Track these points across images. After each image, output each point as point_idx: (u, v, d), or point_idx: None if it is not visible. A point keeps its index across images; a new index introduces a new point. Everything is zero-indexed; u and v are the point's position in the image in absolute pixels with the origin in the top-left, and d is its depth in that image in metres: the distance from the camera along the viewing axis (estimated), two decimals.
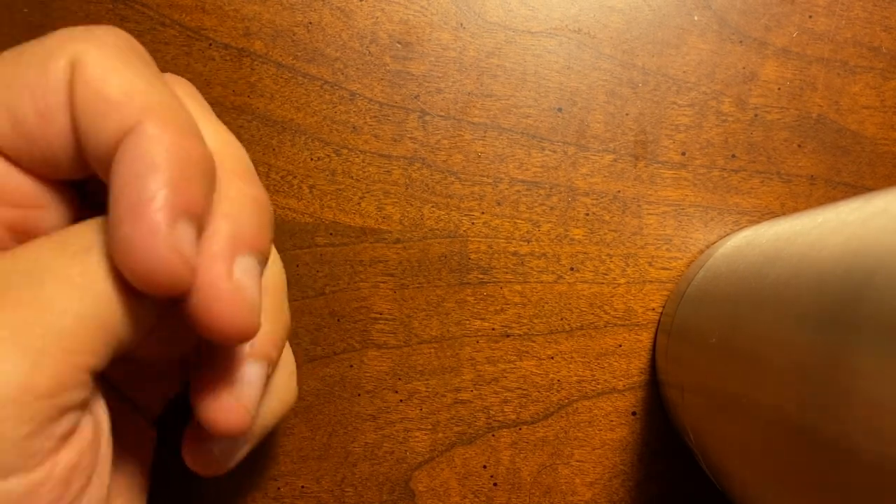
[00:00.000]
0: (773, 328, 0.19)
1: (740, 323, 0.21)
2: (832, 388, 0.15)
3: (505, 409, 0.29)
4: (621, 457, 0.29)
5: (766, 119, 0.29)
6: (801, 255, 0.19)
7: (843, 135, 0.30)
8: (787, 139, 0.30)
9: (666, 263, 0.29)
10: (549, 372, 0.29)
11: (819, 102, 0.30)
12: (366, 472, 0.28)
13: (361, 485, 0.28)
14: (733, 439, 0.22)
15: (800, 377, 0.17)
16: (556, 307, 0.29)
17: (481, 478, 0.29)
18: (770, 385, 0.18)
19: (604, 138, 0.29)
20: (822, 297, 0.17)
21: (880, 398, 0.13)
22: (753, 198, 0.30)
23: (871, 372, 0.14)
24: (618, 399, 0.29)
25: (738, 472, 0.22)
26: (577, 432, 0.29)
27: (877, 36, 0.30)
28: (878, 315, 0.14)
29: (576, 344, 0.29)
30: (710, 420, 0.24)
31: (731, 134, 0.29)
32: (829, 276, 0.17)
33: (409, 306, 0.28)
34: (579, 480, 0.29)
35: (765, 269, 0.21)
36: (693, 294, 0.26)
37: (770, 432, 0.18)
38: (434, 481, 0.29)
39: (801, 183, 0.30)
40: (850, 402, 0.14)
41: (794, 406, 0.17)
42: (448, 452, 0.29)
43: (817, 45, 0.30)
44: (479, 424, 0.29)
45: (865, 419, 0.14)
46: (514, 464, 0.29)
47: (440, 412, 0.29)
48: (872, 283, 0.15)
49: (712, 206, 0.29)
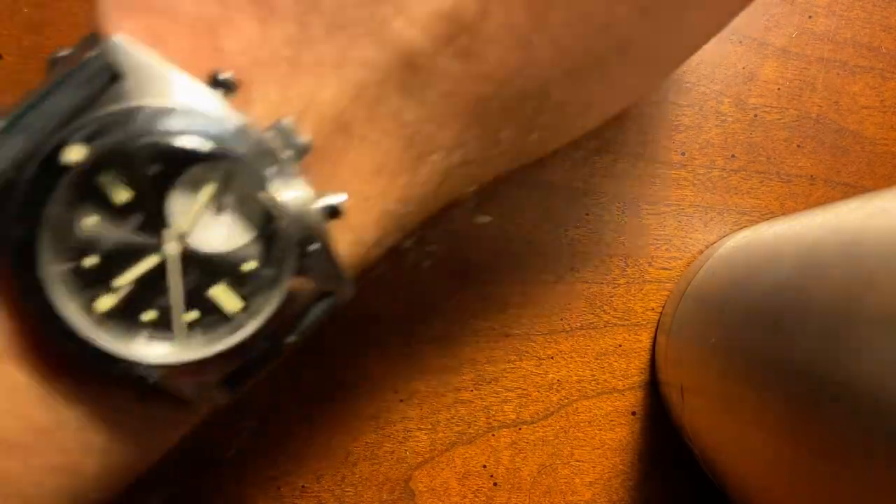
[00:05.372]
0: (773, 329, 0.19)
1: (740, 323, 0.21)
2: (832, 389, 0.15)
3: (505, 409, 0.29)
4: (621, 456, 0.29)
5: (765, 119, 0.29)
6: (800, 256, 0.19)
7: (843, 135, 0.30)
8: (787, 139, 0.30)
9: (665, 263, 0.29)
10: (549, 372, 0.29)
11: (819, 103, 0.30)
12: (366, 472, 0.28)
13: (361, 484, 0.28)
14: (733, 439, 0.22)
15: (800, 378, 0.17)
16: (556, 307, 0.29)
17: (481, 477, 0.29)
18: (769, 385, 0.18)
19: (604, 138, 0.29)
20: (822, 297, 0.17)
21: (881, 399, 0.13)
22: (753, 198, 0.30)
23: (872, 373, 0.14)
24: (617, 399, 0.29)
25: (738, 471, 0.22)
26: (576, 432, 0.29)
27: (876, 36, 0.30)
28: (878, 315, 0.14)
29: (576, 344, 0.29)
30: (710, 420, 0.24)
31: (730, 134, 0.29)
32: (828, 276, 0.17)
33: (409, 306, 0.28)
34: (579, 480, 0.29)
35: (764, 270, 0.21)
36: (693, 294, 0.26)
37: (770, 432, 0.18)
38: (434, 481, 0.29)
39: (800, 183, 0.30)
40: (851, 403, 0.14)
41: (794, 406, 0.17)
42: (448, 452, 0.29)
43: (817, 45, 0.30)
44: (479, 424, 0.29)
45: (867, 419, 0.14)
46: (514, 463, 0.29)
47: (440, 412, 0.29)
48: (873, 284, 0.15)
49: (712, 207, 0.29)
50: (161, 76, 0.14)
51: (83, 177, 0.14)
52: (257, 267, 0.15)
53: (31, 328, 0.15)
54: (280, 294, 0.15)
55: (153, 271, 0.14)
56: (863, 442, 0.14)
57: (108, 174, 0.14)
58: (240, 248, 0.15)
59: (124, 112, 0.14)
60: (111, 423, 0.16)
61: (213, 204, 0.15)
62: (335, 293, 0.16)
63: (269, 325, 0.15)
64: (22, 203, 0.14)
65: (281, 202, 0.14)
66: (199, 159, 0.14)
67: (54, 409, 0.15)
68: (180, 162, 0.14)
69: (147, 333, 0.15)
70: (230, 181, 0.15)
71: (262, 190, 0.14)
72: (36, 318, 0.14)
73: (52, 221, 0.14)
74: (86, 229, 0.14)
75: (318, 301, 0.16)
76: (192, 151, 0.14)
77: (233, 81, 0.14)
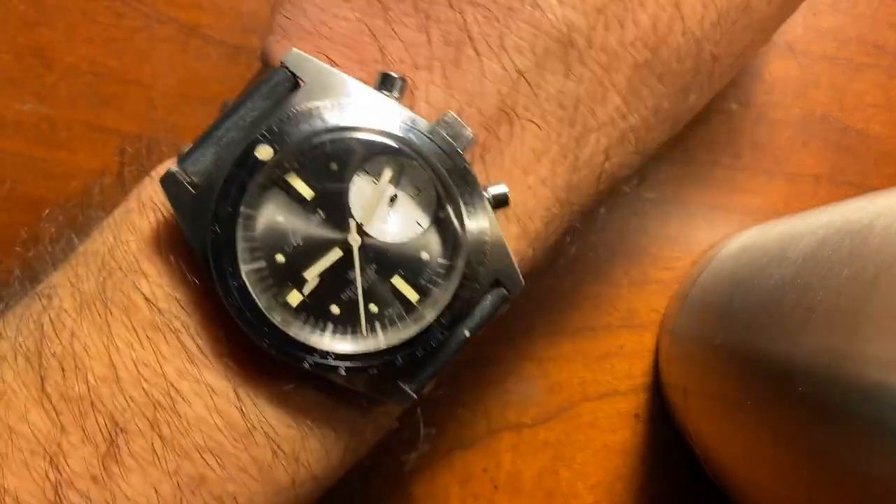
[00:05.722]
0: (778, 329, 0.19)
1: (744, 324, 0.21)
2: (838, 389, 0.15)
3: (506, 412, 0.29)
4: (623, 459, 0.29)
5: (770, 117, 0.29)
6: (805, 256, 0.19)
7: (848, 133, 0.30)
8: (792, 137, 0.29)
9: (669, 263, 0.29)
10: (551, 374, 0.29)
11: (823, 101, 0.30)
12: (365, 474, 0.28)
13: (361, 486, 0.28)
14: (736, 442, 0.22)
15: (805, 379, 0.16)
16: (557, 308, 0.29)
17: (482, 481, 0.29)
18: (774, 387, 0.18)
19: None
20: (827, 297, 0.17)
21: (886, 399, 0.13)
22: (758, 197, 0.29)
23: (878, 373, 0.14)
24: (620, 401, 0.29)
25: (742, 474, 0.22)
26: (578, 434, 0.29)
27: (882, 33, 0.30)
28: (884, 315, 0.14)
29: (577, 345, 0.29)
30: (713, 422, 0.24)
31: (735, 132, 0.29)
32: (834, 276, 0.17)
33: None
34: (581, 483, 0.29)
35: (769, 270, 0.21)
36: (696, 295, 0.26)
37: (774, 434, 0.18)
38: (434, 484, 0.28)
39: (805, 182, 0.29)
40: (856, 403, 0.14)
41: (799, 408, 0.17)
42: (448, 455, 0.29)
43: (822, 42, 0.29)
44: (480, 426, 0.29)
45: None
46: (514, 466, 0.29)
47: (440, 414, 0.28)
48: (878, 284, 0.15)
49: (716, 206, 0.29)
50: (335, 82, 0.16)
51: (272, 175, 0.15)
52: (431, 257, 0.16)
53: (228, 331, 0.16)
54: (454, 283, 0.16)
55: (337, 265, 0.16)
56: (868, 444, 0.14)
57: (293, 172, 0.15)
58: (415, 238, 0.16)
59: (305, 113, 0.15)
60: (302, 426, 0.17)
61: (389, 196, 0.16)
62: (506, 285, 0.17)
63: (445, 315, 0.16)
64: (217, 203, 0.15)
65: (454, 193, 0.16)
66: (374, 154, 0.15)
67: (249, 410, 0.16)
68: (358, 158, 0.15)
69: (332, 327, 0.16)
70: (404, 174, 0.16)
71: (435, 181, 0.16)
72: (237, 315, 0.15)
73: (246, 220, 0.15)
74: (276, 226, 0.16)
75: (490, 293, 0.17)
76: (368, 146, 0.15)
77: (399, 81, 0.16)
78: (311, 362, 0.16)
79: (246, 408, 0.16)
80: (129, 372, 0.16)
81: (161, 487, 0.16)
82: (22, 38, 0.27)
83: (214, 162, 0.16)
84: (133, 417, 0.16)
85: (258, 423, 0.16)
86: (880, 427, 0.13)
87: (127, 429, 0.16)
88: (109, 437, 0.16)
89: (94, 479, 0.16)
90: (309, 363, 0.16)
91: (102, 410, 0.16)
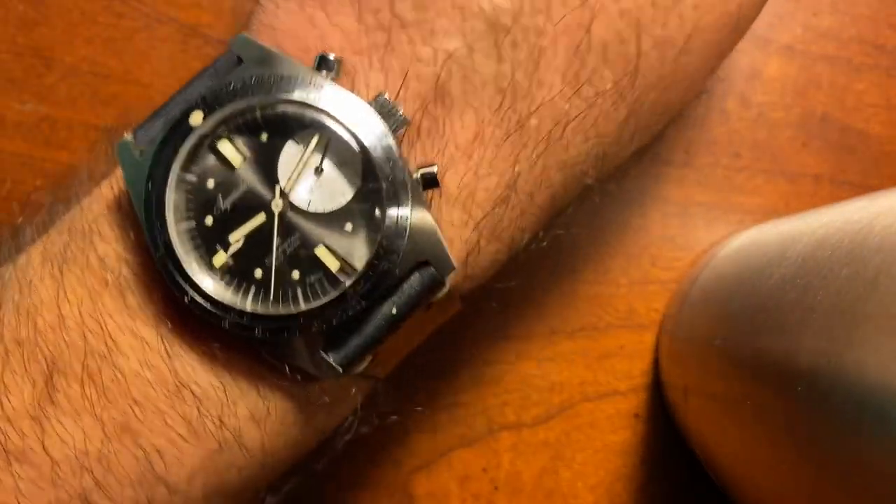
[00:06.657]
0: (778, 329, 0.19)
1: (744, 324, 0.21)
2: (837, 390, 0.15)
3: (505, 411, 0.29)
4: (623, 459, 0.29)
5: (770, 117, 0.29)
6: (806, 256, 0.19)
7: (848, 133, 0.30)
8: (792, 137, 0.29)
9: (669, 263, 0.29)
10: (550, 373, 0.29)
11: (824, 101, 0.30)
12: (364, 475, 0.28)
13: (359, 487, 0.28)
14: (737, 442, 0.22)
15: (805, 379, 0.16)
16: (557, 308, 0.29)
17: (481, 481, 0.29)
18: (774, 387, 0.18)
19: None
20: (827, 297, 0.17)
21: (886, 400, 0.13)
22: (758, 197, 0.29)
23: (877, 373, 0.14)
24: (620, 401, 0.29)
25: (742, 474, 0.22)
26: (578, 435, 0.29)
27: (882, 33, 0.30)
28: (883, 315, 0.14)
29: (577, 345, 0.29)
30: (714, 422, 0.24)
31: (735, 132, 0.29)
32: (834, 276, 0.17)
33: None
34: (581, 483, 0.29)
35: (769, 270, 0.21)
36: (697, 295, 0.26)
37: (774, 434, 0.18)
38: (433, 485, 0.28)
39: (805, 182, 0.29)
40: (856, 404, 0.14)
41: (799, 408, 0.17)
42: (447, 455, 0.29)
43: (822, 42, 0.29)
44: (479, 426, 0.29)
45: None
46: (514, 466, 0.29)
47: (439, 414, 0.28)
48: (877, 283, 0.15)
49: (716, 205, 0.29)
50: (275, 61, 0.17)
51: (203, 141, 0.17)
52: (354, 227, 0.17)
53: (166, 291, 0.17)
54: (371, 249, 0.16)
55: (262, 229, 0.17)
56: (868, 443, 0.14)
57: (225, 139, 0.17)
58: (339, 209, 0.17)
59: (240, 85, 0.16)
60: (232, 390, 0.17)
61: (314, 167, 0.17)
62: (434, 265, 0.17)
63: (360, 284, 0.16)
64: (153, 165, 0.17)
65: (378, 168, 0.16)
66: (303, 126, 0.16)
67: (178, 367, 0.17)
68: (286, 128, 0.16)
69: (254, 290, 0.17)
70: (331, 148, 0.17)
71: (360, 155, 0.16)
72: (164, 270, 0.17)
73: (178, 183, 0.17)
74: (207, 190, 0.17)
75: (418, 271, 0.17)
76: (296, 118, 0.16)
77: (334, 63, 0.16)
78: (230, 321, 0.16)
79: (175, 365, 0.17)
80: (74, 321, 0.17)
81: (91, 432, 0.17)
82: (22, 38, 0.27)
83: (163, 131, 0.17)
84: (72, 362, 0.17)
85: (187, 380, 0.17)
86: (880, 427, 0.13)
87: (66, 372, 0.17)
88: (49, 378, 0.17)
89: (31, 416, 0.17)
90: (227, 322, 0.16)
91: (46, 354, 0.17)
